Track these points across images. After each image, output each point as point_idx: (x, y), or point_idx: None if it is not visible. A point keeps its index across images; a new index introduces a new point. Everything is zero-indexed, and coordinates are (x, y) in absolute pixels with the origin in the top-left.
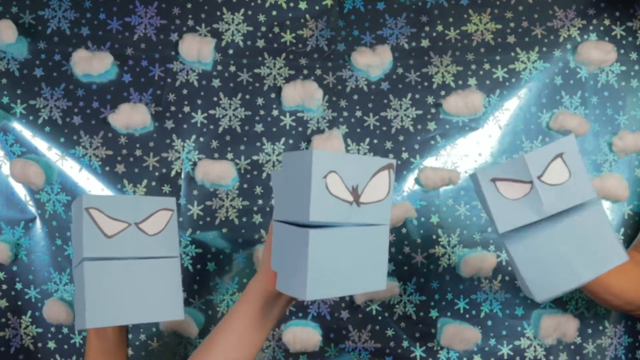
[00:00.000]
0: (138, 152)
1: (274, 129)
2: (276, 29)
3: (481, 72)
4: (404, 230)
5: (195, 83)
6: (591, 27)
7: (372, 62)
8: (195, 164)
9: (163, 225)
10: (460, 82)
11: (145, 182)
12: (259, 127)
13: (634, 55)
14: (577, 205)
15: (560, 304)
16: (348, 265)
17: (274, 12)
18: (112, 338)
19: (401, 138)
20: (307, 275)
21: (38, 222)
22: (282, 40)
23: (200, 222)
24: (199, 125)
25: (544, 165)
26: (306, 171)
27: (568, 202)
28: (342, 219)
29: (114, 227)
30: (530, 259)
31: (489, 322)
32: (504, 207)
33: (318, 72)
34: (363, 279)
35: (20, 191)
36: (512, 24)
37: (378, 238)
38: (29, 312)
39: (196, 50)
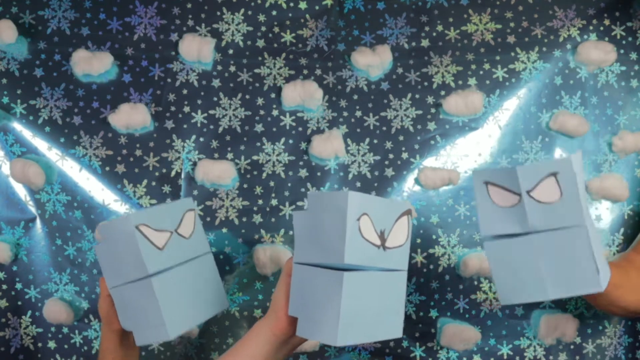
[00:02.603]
0: (138, 152)
1: (274, 129)
2: (276, 29)
3: (481, 72)
4: None
5: (195, 83)
6: (591, 27)
7: (372, 62)
8: (195, 164)
9: (192, 226)
10: (460, 82)
11: (145, 182)
12: (259, 127)
13: (633, 55)
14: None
15: (560, 304)
16: (373, 310)
17: (274, 12)
18: (132, 344)
19: (401, 138)
20: (339, 319)
21: (38, 222)
22: (282, 40)
23: (201, 222)
24: (199, 125)
25: (536, 181)
26: (340, 213)
27: (554, 223)
28: (370, 263)
29: (161, 238)
30: (504, 262)
31: (489, 322)
32: (491, 211)
33: (318, 72)
34: (384, 325)
35: (20, 191)
36: (512, 24)
37: (398, 284)
38: (29, 312)
39: (196, 50)
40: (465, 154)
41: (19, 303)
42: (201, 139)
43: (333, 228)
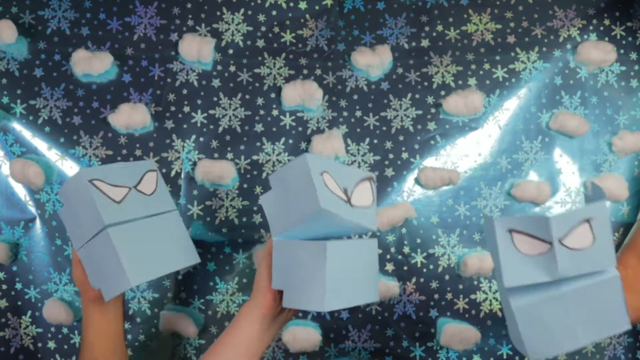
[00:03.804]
0: (138, 152)
1: (274, 129)
2: (276, 29)
3: (481, 72)
4: (404, 230)
5: (195, 83)
6: (591, 27)
7: (372, 62)
8: (195, 164)
9: (154, 185)
10: (460, 82)
11: None
12: (259, 127)
13: (633, 55)
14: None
15: None
16: (353, 276)
17: (274, 12)
18: (114, 315)
19: (401, 138)
20: (325, 287)
21: (38, 222)
22: (282, 40)
23: (200, 222)
24: (199, 125)
25: (569, 228)
26: (304, 172)
27: (585, 268)
28: (343, 214)
29: (118, 193)
30: (533, 317)
31: (489, 322)
32: (516, 261)
33: (318, 72)
34: (363, 291)
35: (20, 191)
36: (512, 24)
37: (372, 252)
38: (29, 312)
39: (196, 50)
40: (465, 154)
41: (19, 303)
42: (201, 139)
43: (301, 188)
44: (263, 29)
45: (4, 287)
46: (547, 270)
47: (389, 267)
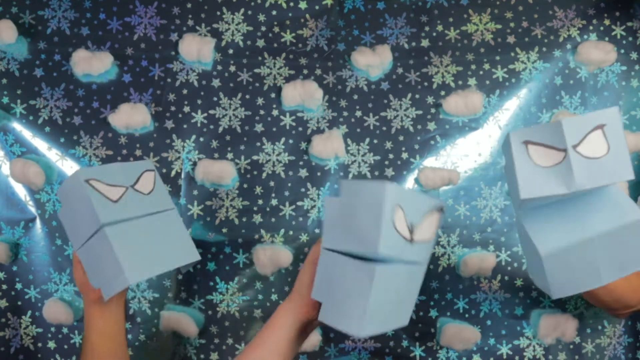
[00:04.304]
0: (138, 152)
1: (274, 129)
2: (276, 29)
3: (481, 72)
4: None
5: (195, 83)
6: (591, 27)
7: (372, 62)
8: (195, 164)
9: (152, 184)
10: (460, 82)
11: None
12: (259, 127)
13: (634, 55)
14: (617, 209)
15: (560, 303)
16: (394, 301)
17: (274, 12)
18: (115, 316)
19: (401, 138)
20: (366, 312)
21: (38, 222)
22: (282, 40)
23: (200, 222)
24: (199, 125)
25: (582, 135)
26: (377, 203)
27: (601, 179)
28: (398, 255)
29: (115, 192)
30: (560, 261)
31: (489, 322)
32: (532, 173)
33: (318, 72)
34: (397, 315)
35: (20, 191)
36: (512, 24)
37: (418, 276)
38: (29, 312)
39: (196, 50)
40: (465, 154)
41: (19, 303)
42: (201, 139)
43: (367, 218)
44: (263, 29)
45: (4, 287)
46: (564, 181)
47: None
